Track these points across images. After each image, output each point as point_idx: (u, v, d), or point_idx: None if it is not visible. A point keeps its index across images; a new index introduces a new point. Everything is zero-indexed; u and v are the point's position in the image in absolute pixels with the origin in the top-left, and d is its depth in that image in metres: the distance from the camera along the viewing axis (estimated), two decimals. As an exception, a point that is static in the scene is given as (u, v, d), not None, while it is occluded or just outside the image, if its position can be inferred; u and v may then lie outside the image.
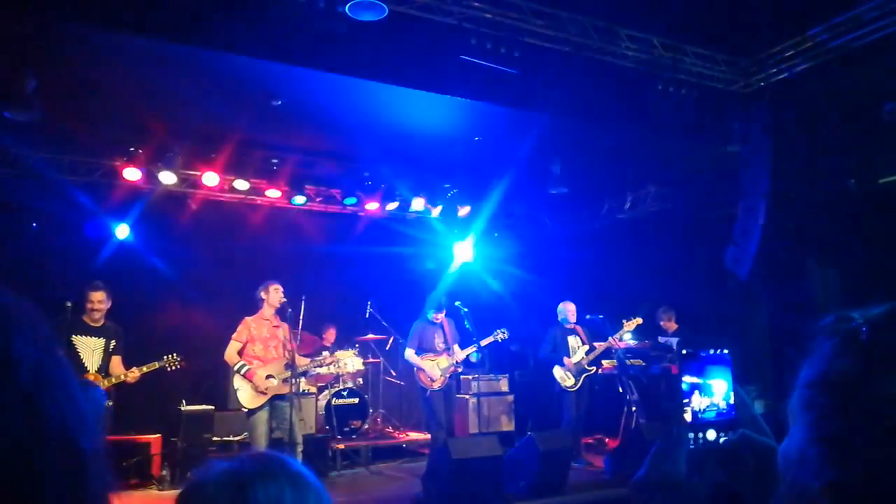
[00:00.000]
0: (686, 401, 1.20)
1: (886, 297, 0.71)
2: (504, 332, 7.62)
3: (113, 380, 5.93)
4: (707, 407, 1.20)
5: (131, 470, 6.68)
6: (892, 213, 6.97)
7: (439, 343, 7.34)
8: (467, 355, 7.36)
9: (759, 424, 0.99)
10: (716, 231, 8.57)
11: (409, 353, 7.31)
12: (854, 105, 7.02)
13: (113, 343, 6.03)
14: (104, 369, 5.95)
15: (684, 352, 1.26)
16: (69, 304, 5.77)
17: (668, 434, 1.15)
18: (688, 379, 1.23)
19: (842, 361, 0.65)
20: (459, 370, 7.53)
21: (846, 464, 0.62)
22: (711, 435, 1.17)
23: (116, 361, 6.05)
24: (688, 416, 1.18)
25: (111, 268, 7.67)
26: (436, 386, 7.15)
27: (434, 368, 7.16)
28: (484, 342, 7.52)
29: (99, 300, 5.95)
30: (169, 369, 6.26)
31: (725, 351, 1.26)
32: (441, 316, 7.39)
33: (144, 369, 6.07)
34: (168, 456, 7.01)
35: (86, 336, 5.93)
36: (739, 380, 1.25)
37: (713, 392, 1.21)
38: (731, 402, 1.22)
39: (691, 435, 1.17)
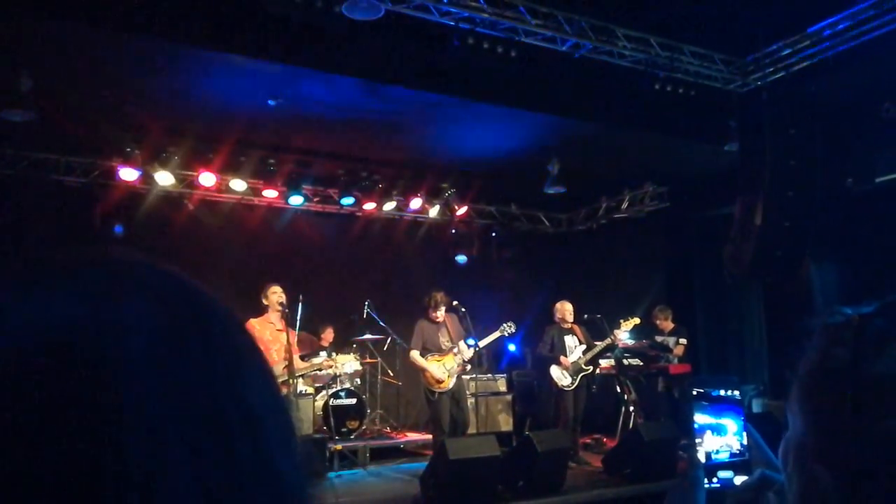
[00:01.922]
0: (699, 440, 1.18)
1: (884, 295, 0.72)
2: (511, 326, 7.54)
3: None
4: (720, 447, 1.18)
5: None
6: (889, 211, 6.97)
7: (444, 342, 7.17)
8: (472, 354, 7.22)
9: (773, 465, 0.98)
10: (713, 230, 8.58)
11: (414, 355, 7.12)
12: (851, 104, 7.03)
13: None
14: None
15: (695, 392, 1.26)
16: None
17: (683, 478, 1.14)
18: (700, 419, 1.21)
19: (835, 350, 0.67)
20: (468, 368, 7.32)
21: (845, 445, 0.63)
22: (726, 476, 1.16)
23: None
24: (701, 457, 1.16)
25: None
26: (444, 387, 6.98)
27: (440, 369, 7.01)
28: (491, 337, 7.45)
29: None
30: None
31: (736, 392, 1.25)
32: (442, 314, 7.27)
33: None
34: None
35: None
36: (750, 418, 1.24)
37: (726, 432, 1.19)
38: (745, 442, 1.20)
39: (713, 479, 1.16)
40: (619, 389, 8.46)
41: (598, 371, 8.19)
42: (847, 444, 0.63)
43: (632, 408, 8.07)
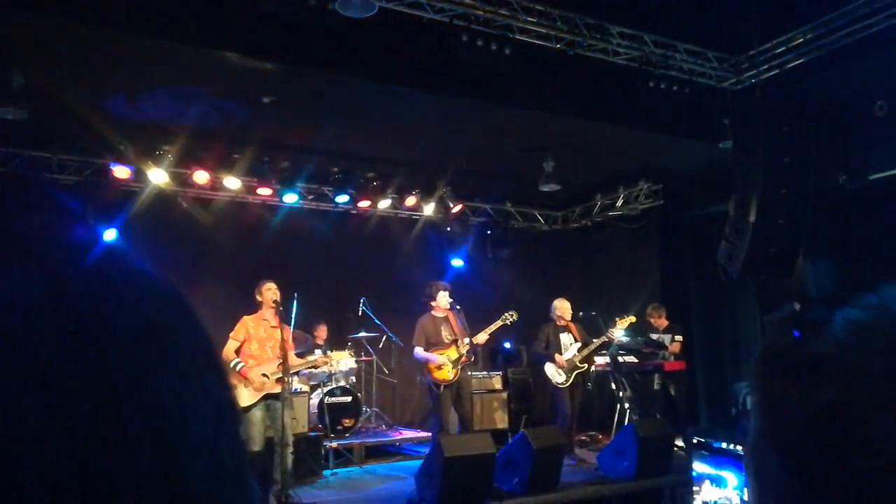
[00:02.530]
0: (696, 489, 1.18)
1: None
2: (513, 315, 7.52)
3: None
4: (719, 499, 1.17)
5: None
6: (882, 208, 7.00)
7: (447, 336, 7.15)
8: (475, 345, 7.17)
9: None
10: (708, 227, 8.60)
11: (419, 351, 7.07)
12: (845, 101, 7.05)
13: None
14: None
15: (696, 440, 1.24)
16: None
17: None
18: (698, 467, 1.20)
19: (780, 337, 0.69)
20: (471, 359, 7.27)
21: (786, 423, 0.64)
22: None
23: None
24: None
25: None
26: (449, 379, 6.93)
27: (444, 359, 6.98)
28: (494, 325, 7.44)
29: None
30: None
31: (739, 447, 1.24)
32: (445, 303, 7.22)
33: None
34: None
35: None
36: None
37: (726, 484, 1.18)
38: (745, 497, 1.18)
39: None
40: (614, 386, 8.48)
41: (593, 368, 8.21)
42: (789, 423, 0.63)
43: (627, 405, 8.09)
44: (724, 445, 1.20)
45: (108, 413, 0.34)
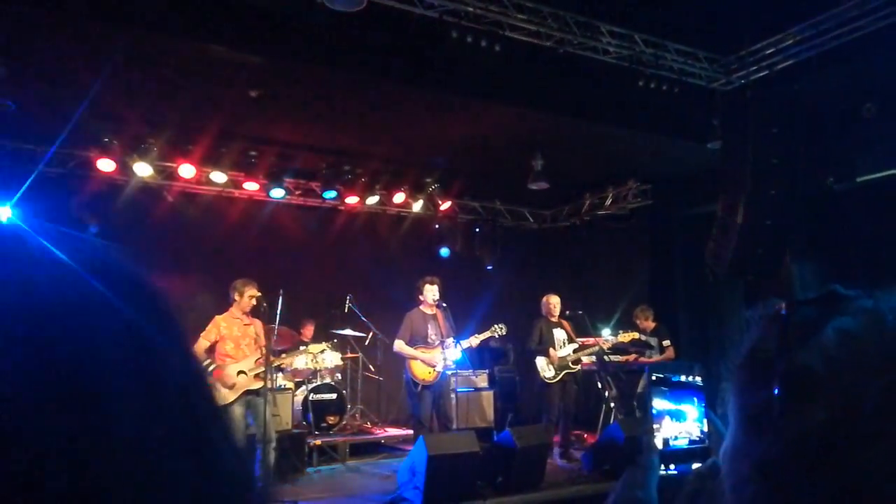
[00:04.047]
0: (657, 426, 1.16)
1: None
2: (502, 328, 7.45)
3: None
4: (679, 434, 1.16)
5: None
6: (869, 210, 7.02)
7: (432, 335, 7.05)
8: (459, 350, 7.11)
9: None
10: (696, 227, 8.60)
11: (400, 345, 6.95)
12: (833, 103, 7.05)
13: None
14: None
15: (654, 377, 1.23)
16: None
17: (637, 462, 1.11)
18: (658, 404, 1.19)
19: (763, 340, 0.66)
20: (453, 365, 7.17)
21: (768, 440, 0.61)
22: (684, 462, 1.13)
23: None
24: (658, 443, 1.14)
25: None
26: (428, 380, 6.88)
27: (426, 361, 6.91)
28: (481, 336, 7.37)
29: None
30: None
31: (698, 378, 1.22)
32: (434, 296, 7.09)
33: None
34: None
35: None
36: (712, 400, 1.21)
37: (686, 418, 1.17)
38: (705, 429, 1.17)
39: (670, 465, 1.12)
40: (599, 385, 8.48)
41: (580, 368, 8.19)
42: (770, 442, 0.60)
43: (612, 404, 8.09)
44: (682, 378, 1.19)
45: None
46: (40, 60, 6.00)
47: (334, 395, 8.25)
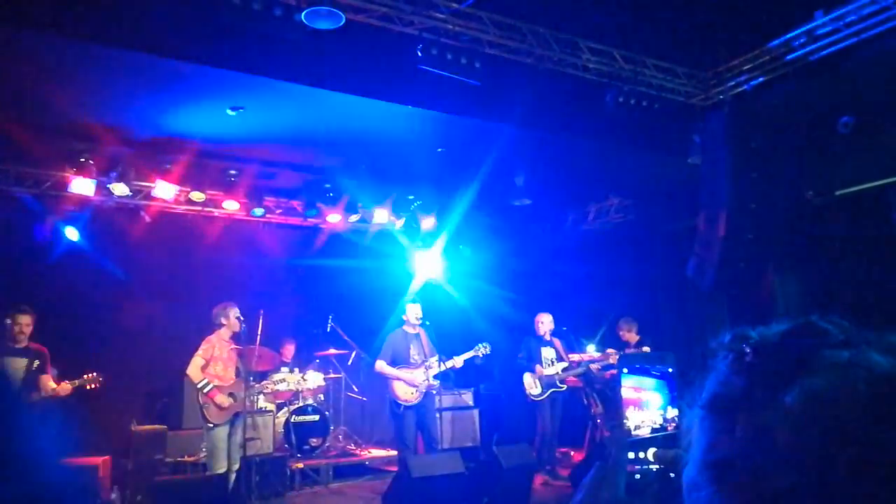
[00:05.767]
0: (626, 419, 1.13)
1: (843, 305, 0.66)
2: (486, 347, 7.38)
3: (43, 394, 5.79)
4: (641, 423, 1.13)
5: (79, 494, 6.39)
6: (848, 224, 7.06)
7: (415, 355, 6.98)
8: (442, 371, 7.04)
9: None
10: (677, 242, 8.62)
11: (381, 365, 6.88)
12: (811, 118, 7.12)
13: (36, 363, 5.88)
14: (29, 388, 5.78)
15: (626, 370, 1.19)
16: (8, 322, 5.62)
17: (605, 457, 1.08)
18: (624, 393, 1.16)
19: (731, 383, 0.64)
20: (436, 384, 7.08)
21: (731, 492, 0.60)
22: (650, 454, 1.09)
23: (46, 379, 5.93)
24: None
25: (62, 281, 7.40)
26: (410, 401, 6.80)
27: (408, 382, 6.83)
28: (465, 356, 7.30)
29: (26, 323, 5.89)
30: (89, 388, 6.09)
31: (670, 369, 1.19)
32: (414, 323, 7.04)
33: (76, 383, 5.99)
34: (118, 479, 6.73)
35: (9, 357, 5.77)
36: (683, 396, 1.18)
37: (649, 406, 1.14)
38: (668, 416, 1.14)
39: (631, 455, 1.09)
40: (585, 402, 8.42)
41: (565, 386, 8.15)
42: (734, 496, 0.59)
43: (599, 420, 8.03)
44: (647, 365, 1.15)
45: None
46: (11, 79, 5.90)
47: (317, 417, 8.11)
